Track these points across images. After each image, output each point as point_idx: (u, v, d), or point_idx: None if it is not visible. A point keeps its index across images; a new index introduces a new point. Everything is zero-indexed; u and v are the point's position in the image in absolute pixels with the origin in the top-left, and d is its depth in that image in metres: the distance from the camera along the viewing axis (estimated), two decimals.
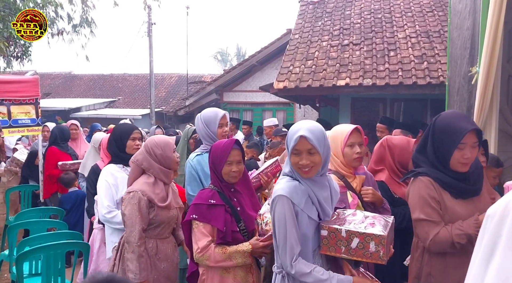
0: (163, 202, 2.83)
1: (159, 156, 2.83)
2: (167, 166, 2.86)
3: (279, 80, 8.38)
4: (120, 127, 3.44)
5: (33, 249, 3.14)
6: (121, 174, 3.31)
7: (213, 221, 2.42)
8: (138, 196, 2.72)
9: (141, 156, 2.86)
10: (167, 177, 2.89)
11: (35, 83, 5.93)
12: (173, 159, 2.90)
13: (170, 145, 2.89)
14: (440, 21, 9.07)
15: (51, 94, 23.75)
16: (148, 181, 2.82)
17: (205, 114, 3.28)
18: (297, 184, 2.03)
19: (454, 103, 5.53)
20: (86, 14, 12.08)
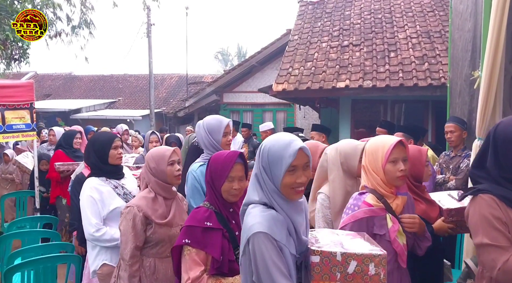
0: (162, 218, 2.62)
1: (153, 170, 2.66)
2: (163, 180, 2.66)
3: (278, 83, 8.29)
4: (99, 137, 3.20)
5: (22, 263, 3.06)
6: (105, 187, 3.04)
7: (209, 248, 2.12)
8: (133, 212, 2.55)
9: (144, 169, 2.75)
10: (166, 191, 2.69)
11: (30, 87, 5.83)
12: (169, 173, 2.66)
13: (165, 158, 2.65)
14: (441, 21, 8.96)
15: (52, 95, 23.69)
16: (148, 195, 2.65)
17: (208, 122, 3.09)
18: (274, 214, 1.70)
19: (456, 105, 5.43)
20: (85, 15, 12.00)
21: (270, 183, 1.73)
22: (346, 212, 2.27)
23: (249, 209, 1.76)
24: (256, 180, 1.78)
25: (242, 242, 1.72)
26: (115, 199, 3.02)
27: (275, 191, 1.72)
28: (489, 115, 3.62)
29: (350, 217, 2.20)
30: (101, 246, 2.98)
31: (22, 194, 5.88)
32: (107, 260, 2.97)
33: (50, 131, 6.46)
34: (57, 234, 3.98)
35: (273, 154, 1.71)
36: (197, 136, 3.17)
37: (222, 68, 36.71)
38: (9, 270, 2.99)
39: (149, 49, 18.32)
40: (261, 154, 1.76)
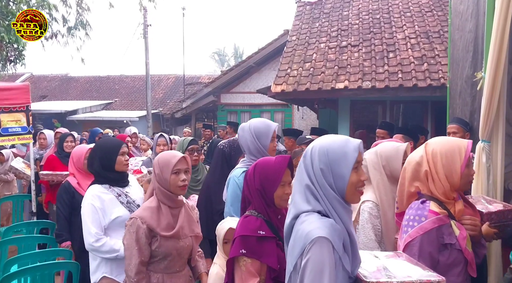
0: (168, 230, 2.40)
1: (157, 177, 2.46)
2: (166, 189, 2.46)
3: (276, 84, 8.24)
4: (106, 143, 3.06)
5: (19, 271, 2.99)
6: (108, 195, 2.89)
7: (265, 257, 2.02)
8: (136, 224, 2.36)
9: (152, 174, 2.57)
10: (170, 201, 2.47)
11: (25, 90, 5.76)
12: (172, 182, 2.43)
13: (169, 165, 2.43)
14: (439, 21, 8.94)
15: (48, 96, 23.55)
16: (152, 205, 2.45)
17: (256, 125, 2.87)
18: (333, 222, 1.55)
19: (457, 106, 5.39)
20: (81, 16, 11.92)
21: (329, 188, 1.56)
22: (410, 224, 2.05)
23: (302, 218, 1.58)
24: (307, 189, 1.60)
25: (293, 254, 1.55)
26: (117, 207, 2.88)
27: (335, 197, 1.57)
28: (492, 116, 3.58)
29: (417, 229, 2.00)
30: (101, 258, 2.85)
31: (18, 198, 5.80)
32: (107, 273, 2.84)
33: (41, 135, 6.29)
34: (54, 240, 3.90)
35: (334, 151, 1.57)
36: (240, 140, 2.94)
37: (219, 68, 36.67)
38: (6, 277, 2.92)
39: (146, 50, 18.23)
40: (317, 157, 1.59)
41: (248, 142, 2.86)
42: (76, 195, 3.62)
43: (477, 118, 4.38)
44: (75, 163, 3.78)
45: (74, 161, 3.78)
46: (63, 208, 3.64)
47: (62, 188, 3.73)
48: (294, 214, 1.62)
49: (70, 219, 3.62)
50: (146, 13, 17.93)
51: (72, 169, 3.80)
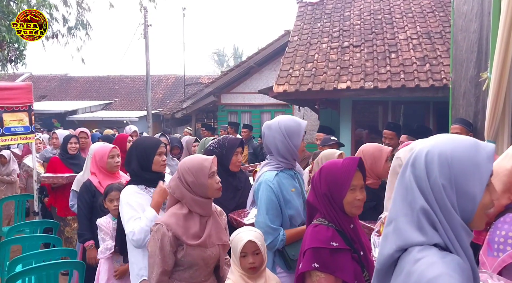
0: (195, 239, 2.26)
1: (191, 184, 2.27)
2: (202, 195, 2.29)
3: (278, 84, 8.23)
4: (144, 142, 2.90)
5: (24, 271, 2.98)
6: (143, 196, 2.73)
7: (339, 272, 1.83)
8: (162, 231, 2.21)
9: (174, 182, 2.35)
10: (203, 208, 2.31)
11: (28, 90, 5.74)
12: (210, 187, 2.29)
13: (205, 170, 2.27)
14: (441, 21, 8.93)
15: (47, 96, 23.53)
16: (180, 212, 2.28)
17: (286, 124, 2.63)
18: (461, 262, 1.16)
19: (460, 107, 5.40)
20: (81, 16, 11.92)
21: (453, 213, 1.16)
22: (509, 242, 1.75)
23: (415, 253, 1.17)
24: (422, 213, 1.18)
25: None
26: None
27: (461, 224, 1.16)
28: (498, 117, 3.59)
29: None
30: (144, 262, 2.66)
31: (21, 198, 5.78)
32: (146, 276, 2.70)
33: (53, 135, 6.30)
34: (58, 239, 3.91)
35: (461, 161, 1.16)
36: (267, 140, 2.69)
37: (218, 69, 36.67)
38: (12, 277, 2.91)
39: (146, 50, 18.21)
40: (436, 168, 1.18)
41: (278, 141, 2.62)
42: (97, 194, 3.60)
43: (481, 119, 4.39)
44: (97, 161, 3.71)
45: (97, 159, 3.72)
46: (84, 207, 3.61)
47: (83, 187, 3.70)
48: (399, 246, 1.21)
49: (91, 218, 3.58)
50: (146, 13, 17.91)
51: (94, 168, 3.74)
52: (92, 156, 3.80)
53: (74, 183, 4.21)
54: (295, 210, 2.58)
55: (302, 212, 2.63)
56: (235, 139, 3.24)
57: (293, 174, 2.69)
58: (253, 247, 2.19)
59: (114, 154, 3.75)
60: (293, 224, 2.58)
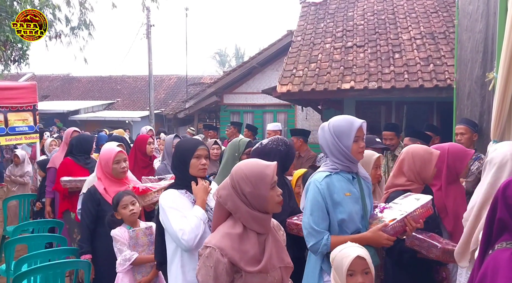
0: (255, 264, 1.88)
1: (248, 195, 1.89)
2: (261, 209, 1.92)
3: (282, 84, 8.22)
4: (182, 144, 2.67)
5: (30, 270, 2.98)
6: (184, 201, 2.49)
7: None
8: (215, 257, 1.84)
9: (226, 191, 1.95)
10: (261, 225, 1.94)
11: (33, 89, 5.78)
12: (271, 200, 1.92)
13: (266, 179, 1.90)
14: (445, 22, 8.93)
15: (49, 96, 23.58)
16: (234, 231, 1.90)
17: (336, 123, 2.47)
18: None
19: (465, 107, 5.38)
20: (84, 16, 11.93)
21: None
22: None
23: None
24: None
25: None
26: None
27: None
28: (505, 117, 3.56)
29: None
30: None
31: (25, 197, 5.79)
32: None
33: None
34: (63, 238, 3.90)
35: None
36: (321, 141, 2.55)
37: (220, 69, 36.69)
38: (18, 276, 2.91)
39: (149, 50, 18.23)
40: None
41: (329, 143, 2.47)
42: (102, 202, 3.34)
43: (486, 119, 4.37)
44: (103, 167, 3.45)
45: (102, 164, 3.46)
46: (87, 216, 3.34)
47: (87, 194, 3.42)
48: None
49: (94, 229, 3.35)
50: (149, 13, 17.93)
51: (99, 172, 3.48)
52: (98, 160, 3.54)
53: (85, 186, 3.80)
54: (347, 215, 2.37)
55: (358, 220, 2.42)
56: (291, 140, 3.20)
57: (351, 178, 2.49)
58: (363, 264, 1.94)
59: (120, 158, 3.46)
60: (344, 230, 2.38)
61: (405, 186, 2.80)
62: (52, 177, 4.89)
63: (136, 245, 3.03)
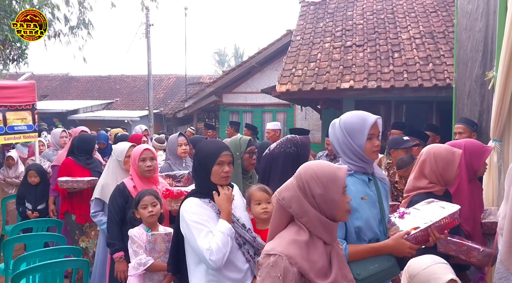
0: (324, 277, 1.67)
1: (318, 198, 1.67)
2: (330, 215, 1.70)
3: (281, 83, 8.22)
4: (203, 149, 2.41)
5: (30, 268, 2.97)
6: (206, 211, 2.29)
7: None
8: (283, 265, 1.61)
9: (290, 192, 1.71)
10: (330, 233, 1.71)
11: (31, 88, 5.75)
12: (341, 206, 1.72)
13: (339, 182, 1.70)
14: (444, 21, 8.94)
15: (48, 96, 23.54)
16: (299, 238, 1.67)
17: (347, 120, 2.26)
18: None
19: (464, 106, 5.38)
20: (83, 15, 11.92)
21: None
22: None
23: None
24: None
25: None
26: None
27: None
28: (504, 116, 3.57)
29: None
30: None
31: None
32: None
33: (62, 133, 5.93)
34: (62, 237, 3.89)
35: None
36: (332, 140, 2.34)
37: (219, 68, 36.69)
38: (17, 275, 2.91)
39: (148, 49, 18.21)
40: None
41: (340, 141, 2.26)
42: (129, 200, 3.23)
43: (486, 118, 4.37)
44: (132, 164, 3.39)
45: (132, 162, 3.40)
46: (115, 212, 3.22)
47: (116, 190, 3.32)
48: None
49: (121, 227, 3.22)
50: (148, 13, 17.90)
51: (132, 170, 3.40)
52: (131, 158, 3.44)
53: (97, 190, 3.73)
54: (364, 222, 2.15)
55: (376, 225, 2.21)
56: (304, 137, 2.90)
57: (367, 180, 2.27)
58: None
59: (146, 156, 3.35)
60: (361, 238, 2.17)
61: (427, 188, 2.65)
62: (57, 175, 4.73)
63: (152, 250, 2.87)
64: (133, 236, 2.89)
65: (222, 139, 3.30)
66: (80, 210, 4.30)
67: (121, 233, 3.18)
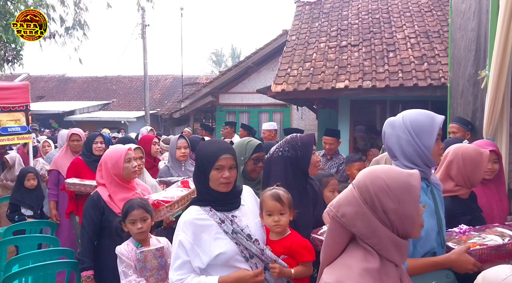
0: None
1: (391, 214, 1.36)
2: (403, 233, 1.39)
3: (277, 83, 8.22)
4: (202, 150, 2.19)
5: (21, 271, 2.96)
6: (207, 222, 2.07)
7: None
8: None
9: (353, 207, 1.38)
10: (403, 253, 1.41)
11: (25, 89, 5.74)
12: (418, 220, 1.43)
13: (414, 192, 1.38)
14: (439, 21, 8.95)
15: (45, 97, 23.50)
16: (371, 265, 1.35)
17: (414, 118, 2.01)
18: None
19: (458, 106, 5.40)
20: (79, 16, 11.89)
21: None
22: None
23: None
24: None
25: None
26: (220, 239, 2.05)
27: None
28: (497, 114, 3.58)
29: None
30: None
31: None
32: None
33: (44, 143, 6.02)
34: (55, 239, 3.88)
35: None
36: (390, 141, 2.08)
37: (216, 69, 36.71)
38: (9, 277, 2.89)
39: (144, 50, 18.20)
40: None
41: (403, 142, 2.00)
42: (106, 212, 2.97)
43: (479, 117, 4.38)
44: (110, 169, 3.04)
45: (109, 166, 3.05)
46: (88, 226, 2.94)
47: (89, 201, 3.02)
48: None
49: (98, 240, 3.00)
50: (144, 13, 17.89)
51: (104, 177, 3.07)
52: (101, 162, 3.14)
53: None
54: (424, 233, 1.90)
55: (434, 237, 1.99)
56: (306, 136, 2.69)
57: (425, 186, 2.03)
58: None
59: (131, 156, 3.10)
60: (417, 251, 1.94)
61: (453, 191, 2.46)
62: (55, 179, 4.74)
63: (143, 269, 2.61)
64: (121, 254, 2.61)
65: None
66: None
67: (93, 248, 2.95)
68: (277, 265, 2.09)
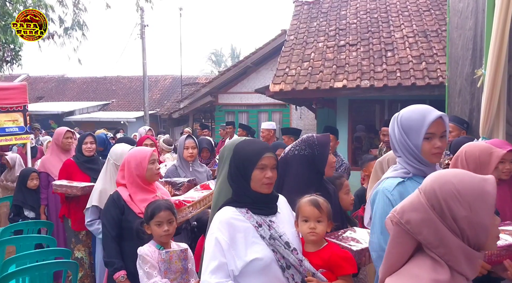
0: None
1: (462, 222, 1.25)
2: (476, 244, 1.27)
3: (275, 83, 8.23)
4: (242, 149, 2.04)
5: (17, 271, 2.95)
6: (244, 224, 1.91)
7: None
8: None
9: (419, 213, 1.28)
10: (475, 267, 1.29)
11: (23, 90, 5.75)
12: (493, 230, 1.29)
13: (489, 200, 1.25)
14: (437, 20, 8.96)
15: (44, 98, 23.49)
16: (440, 277, 1.24)
17: (406, 115, 1.97)
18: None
19: (455, 105, 5.40)
20: (78, 17, 11.90)
21: None
22: None
23: None
24: None
25: None
26: (256, 244, 1.88)
27: None
28: (493, 113, 3.58)
29: None
30: None
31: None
32: None
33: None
34: (52, 239, 3.87)
35: None
36: (390, 134, 2.07)
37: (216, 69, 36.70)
38: (5, 277, 2.89)
39: (143, 50, 18.20)
40: None
41: (397, 138, 1.99)
42: (126, 211, 2.88)
43: (476, 116, 4.38)
44: (133, 169, 2.96)
45: (132, 166, 2.97)
46: (110, 226, 2.85)
47: (110, 200, 2.94)
48: None
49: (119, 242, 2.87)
50: (143, 14, 17.89)
51: (126, 177, 2.98)
52: (125, 163, 3.03)
53: (94, 196, 3.44)
54: None
55: None
56: (322, 136, 2.63)
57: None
58: None
59: (155, 158, 3.06)
60: None
61: None
62: (44, 181, 4.68)
63: (168, 271, 2.48)
64: (144, 255, 2.49)
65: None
66: (75, 216, 4.00)
67: (119, 249, 2.83)
68: (315, 279, 1.89)
